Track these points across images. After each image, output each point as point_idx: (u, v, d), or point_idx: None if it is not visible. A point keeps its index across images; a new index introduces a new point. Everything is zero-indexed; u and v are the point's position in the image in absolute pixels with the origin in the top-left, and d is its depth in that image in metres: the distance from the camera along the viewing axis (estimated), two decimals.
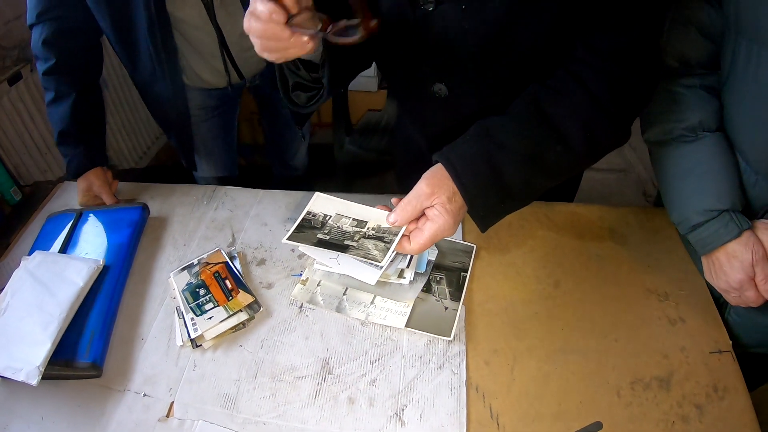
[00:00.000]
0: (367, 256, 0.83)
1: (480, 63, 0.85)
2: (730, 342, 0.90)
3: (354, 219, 0.89)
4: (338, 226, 0.88)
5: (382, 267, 0.84)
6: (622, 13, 0.76)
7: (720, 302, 0.96)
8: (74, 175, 1.28)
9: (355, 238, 0.86)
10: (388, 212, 0.84)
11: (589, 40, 0.79)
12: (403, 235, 0.82)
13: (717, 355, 0.88)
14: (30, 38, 1.58)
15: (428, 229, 0.80)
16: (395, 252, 0.83)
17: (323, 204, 0.92)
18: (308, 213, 0.91)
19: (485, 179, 0.79)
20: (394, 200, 0.85)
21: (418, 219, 0.82)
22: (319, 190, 0.95)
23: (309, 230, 0.89)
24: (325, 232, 0.88)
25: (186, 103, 1.44)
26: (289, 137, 1.86)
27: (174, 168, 2.62)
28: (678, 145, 0.93)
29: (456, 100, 0.93)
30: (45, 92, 1.31)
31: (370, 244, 0.85)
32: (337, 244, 0.86)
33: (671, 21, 0.92)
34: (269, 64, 1.41)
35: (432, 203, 0.79)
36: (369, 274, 0.88)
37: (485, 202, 0.81)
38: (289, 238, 0.88)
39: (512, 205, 0.85)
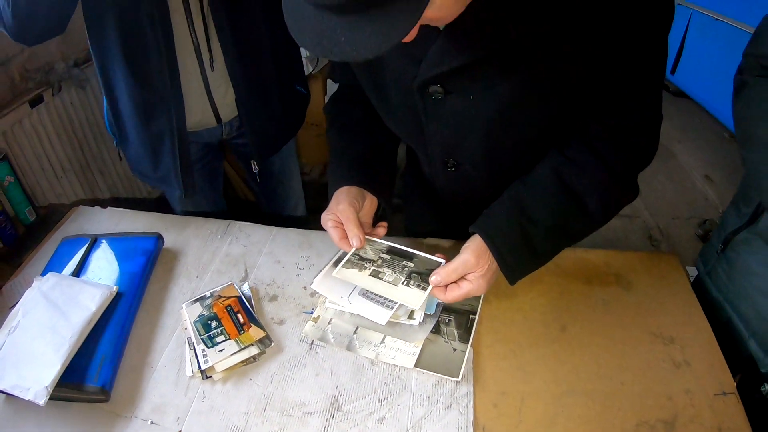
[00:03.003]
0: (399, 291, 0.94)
1: (488, 142, 0.93)
2: (735, 384, 0.91)
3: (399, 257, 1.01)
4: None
5: (392, 307, 0.93)
6: (627, 96, 0.84)
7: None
8: None
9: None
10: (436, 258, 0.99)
11: (599, 112, 0.87)
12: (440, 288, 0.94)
13: (722, 397, 0.89)
14: (55, 63, 1.62)
15: (464, 288, 0.92)
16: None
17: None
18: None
19: (520, 251, 0.91)
20: (438, 255, 0.99)
21: None
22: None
23: (354, 266, 1.00)
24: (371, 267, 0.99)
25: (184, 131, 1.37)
26: (283, 193, 1.78)
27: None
28: None
29: (465, 171, 1.01)
30: None
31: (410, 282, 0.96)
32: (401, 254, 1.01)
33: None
34: (243, 117, 1.41)
35: (476, 271, 0.91)
36: (380, 314, 0.93)
37: (518, 268, 0.93)
38: (337, 274, 0.98)
39: (539, 265, 0.97)
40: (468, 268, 0.91)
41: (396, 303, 0.96)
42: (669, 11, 0.77)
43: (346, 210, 0.98)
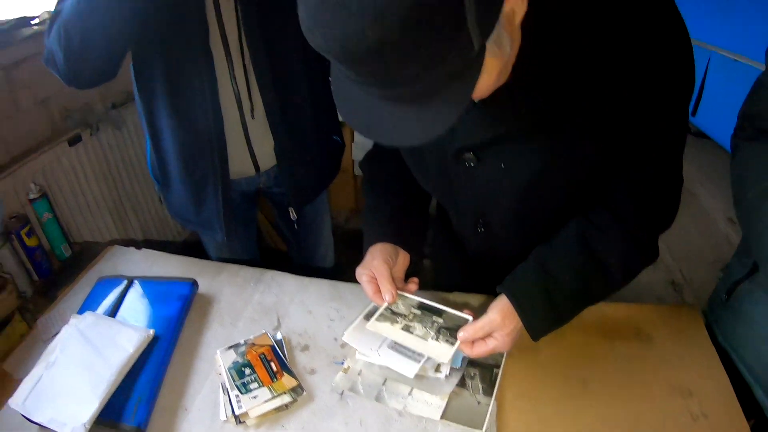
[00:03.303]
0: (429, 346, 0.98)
1: (518, 207, 0.97)
2: None
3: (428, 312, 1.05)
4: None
5: (420, 360, 0.97)
6: (650, 164, 0.88)
7: None
8: None
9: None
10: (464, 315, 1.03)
11: (623, 178, 0.91)
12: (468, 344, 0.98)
13: None
14: (94, 105, 1.68)
15: (490, 344, 0.95)
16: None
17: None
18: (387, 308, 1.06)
19: (544, 312, 0.95)
20: (466, 311, 1.03)
21: None
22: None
23: (387, 319, 1.03)
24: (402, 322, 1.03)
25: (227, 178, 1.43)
26: (314, 240, 1.81)
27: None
28: None
29: (495, 232, 1.05)
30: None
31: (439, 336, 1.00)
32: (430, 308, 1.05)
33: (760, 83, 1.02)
34: (282, 166, 1.46)
35: (502, 330, 0.95)
36: (408, 367, 0.97)
37: (542, 327, 0.97)
38: (370, 327, 1.02)
39: (562, 324, 0.99)
40: (494, 326, 0.95)
41: (424, 356, 1.00)
42: (689, 83, 0.81)
43: (380, 266, 1.03)
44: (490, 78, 0.67)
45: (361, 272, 1.05)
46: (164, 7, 1.16)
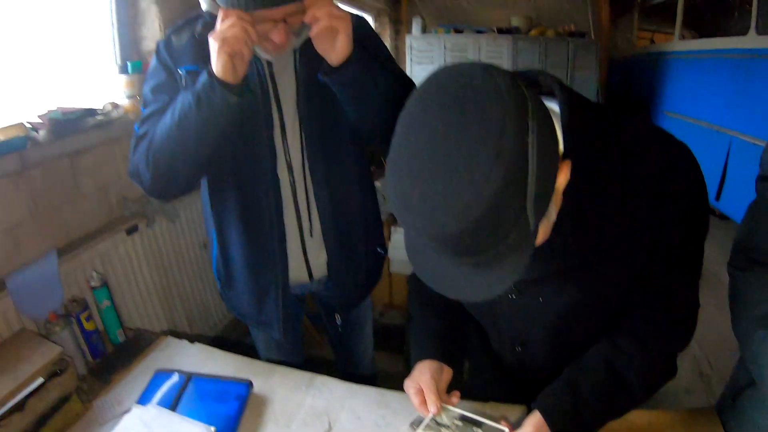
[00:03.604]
0: None
1: (553, 333, 1.10)
2: None
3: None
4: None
5: None
6: (671, 295, 1.01)
7: None
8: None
9: None
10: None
11: (645, 306, 1.03)
12: None
13: None
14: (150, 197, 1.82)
15: None
16: None
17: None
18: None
19: (573, 427, 1.03)
20: (503, 422, 1.12)
21: None
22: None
23: (431, 429, 1.13)
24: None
25: (287, 282, 1.56)
26: (356, 338, 1.90)
27: (239, 344, 2.75)
28: None
29: (531, 353, 1.17)
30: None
31: None
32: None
33: (761, 223, 1.10)
34: (332, 278, 1.59)
35: None
36: None
37: None
38: None
39: None
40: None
41: None
42: (705, 225, 0.95)
43: (428, 382, 1.14)
44: (540, 238, 0.82)
45: (409, 384, 1.16)
46: (241, 141, 1.33)
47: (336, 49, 1.19)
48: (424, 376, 1.16)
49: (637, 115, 0.94)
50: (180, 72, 1.31)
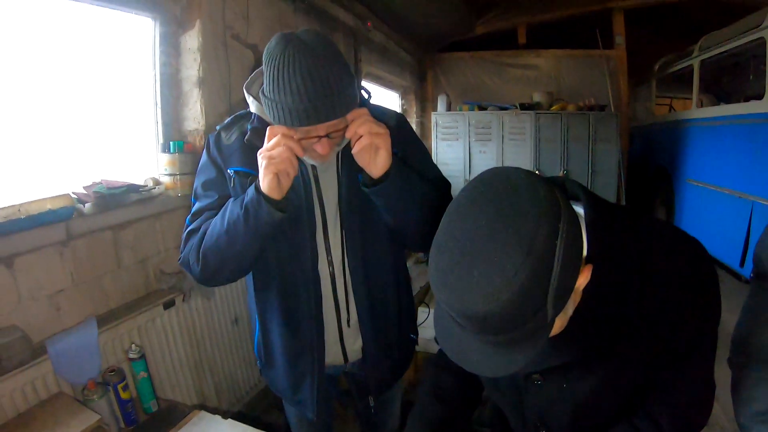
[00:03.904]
0: None
1: (575, 417, 1.14)
2: None
3: None
4: None
5: None
6: (686, 382, 1.06)
7: None
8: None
9: None
10: None
11: (662, 390, 1.08)
12: None
13: None
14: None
15: None
16: None
17: None
18: None
19: None
20: None
21: None
22: None
23: None
24: None
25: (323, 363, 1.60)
26: (383, 418, 1.92)
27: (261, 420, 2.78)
28: None
29: None
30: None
31: None
32: None
33: (763, 319, 1.15)
34: (365, 357, 1.64)
35: None
36: None
37: None
38: None
39: None
40: None
41: None
42: (718, 310, 1.00)
43: None
44: (554, 330, 0.90)
45: None
46: (285, 240, 1.42)
47: (376, 164, 1.27)
48: None
49: (654, 217, 1.02)
50: (229, 172, 1.40)
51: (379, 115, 1.35)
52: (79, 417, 1.54)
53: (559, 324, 0.90)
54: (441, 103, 6.44)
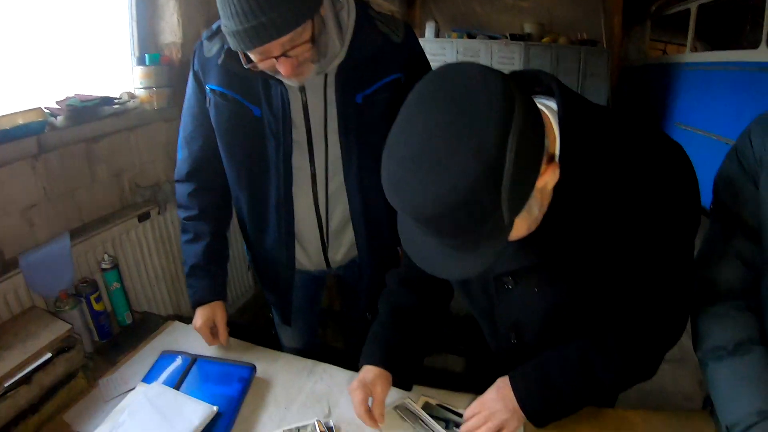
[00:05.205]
0: None
1: (547, 324, 1.13)
2: None
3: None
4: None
5: None
6: (660, 290, 1.03)
7: None
8: (198, 303, 1.53)
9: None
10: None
11: (631, 303, 1.06)
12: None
13: None
14: (162, 184, 1.89)
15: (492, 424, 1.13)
16: None
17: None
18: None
19: (539, 403, 1.11)
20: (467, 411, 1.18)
21: None
22: None
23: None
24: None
25: (294, 275, 1.66)
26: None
27: (250, 327, 2.78)
28: (731, 358, 1.07)
29: (526, 343, 1.20)
30: (182, 234, 1.58)
31: None
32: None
33: (719, 255, 1.13)
34: (353, 260, 1.69)
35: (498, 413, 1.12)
36: None
37: (538, 416, 1.12)
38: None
39: (558, 418, 1.14)
40: (487, 396, 1.15)
41: None
42: (696, 218, 0.97)
43: (381, 394, 1.23)
44: (519, 233, 0.89)
45: (356, 388, 1.21)
46: (258, 161, 1.48)
47: None
48: (378, 387, 1.23)
49: (636, 117, 0.97)
50: (206, 89, 1.42)
51: (384, 22, 1.39)
52: (50, 328, 1.50)
53: (525, 224, 0.88)
54: (429, 30, 6.28)
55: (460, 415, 1.23)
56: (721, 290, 1.13)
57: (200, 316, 1.51)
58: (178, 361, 1.46)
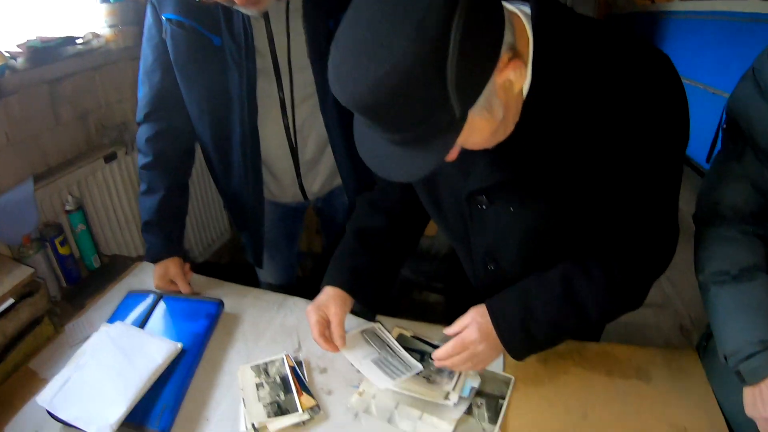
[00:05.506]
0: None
1: (525, 248, 1.05)
2: None
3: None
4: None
5: (394, 378, 1.09)
6: (644, 213, 0.95)
7: None
8: (152, 260, 1.46)
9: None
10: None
11: (617, 229, 0.98)
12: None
13: None
14: (129, 124, 1.79)
15: (464, 355, 1.06)
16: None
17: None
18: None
19: (519, 334, 1.03)
20: (445, 331, 1.10)
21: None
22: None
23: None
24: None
25: (263, 209, 1.60)
26: None
27: (231, 267, 2.75)
28: (735, 283, 1.03)
29: (503, 271, 1.12)
30: (140, 182, 1.49)
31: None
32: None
33: (728, 176, 1.09)
34: (332, 191, 1.62)
35: (469, 334, 1.05)
36: (382, 381, 1.09)
37: (518, 349, 1.04)
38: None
39: (539, 350, 1.08)
40: (463, 323, 1.07)
41: (403, 374, 1.10)
42: (684, 135, 0.88)
43: (338, 314, 1.15)
44: (482, 135, 0.79)
45: (313, 311, 1.15)
46: (220, 95, 1.40)
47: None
48: (335, 308, 1.16)
49: (619, 27, 0.88)
50: (162, 19, 1.34)
51: None
52: (13, 273, 1.43)
53: (488, 126, 0.79)
54: None
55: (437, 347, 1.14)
56: (728, 212, 1.09)
57: (155, 273, 1.47)
58: (145, 300, 1.39)
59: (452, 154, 0.79)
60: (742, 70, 1.09)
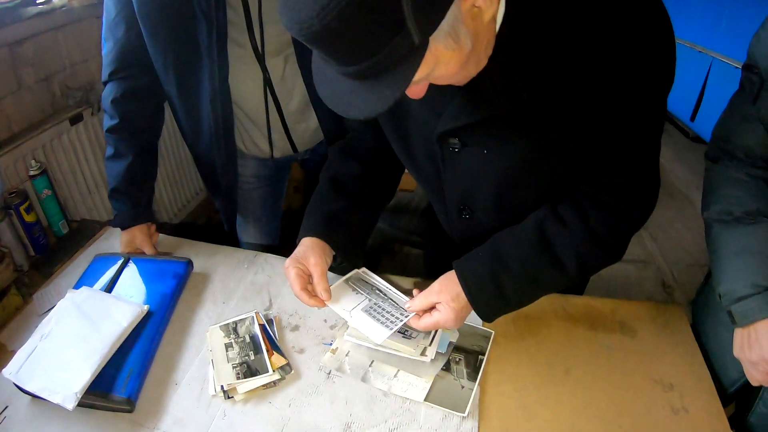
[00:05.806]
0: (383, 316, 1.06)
1: (499, 194, 1.00)
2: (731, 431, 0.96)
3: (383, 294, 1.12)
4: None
5: (391, 328, 1.02)
6: (623, 158, 0.90)
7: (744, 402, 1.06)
8: (120, 227, 1.40)
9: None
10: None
11: (595, 175, 0.93)
12: (416, 315, 1.04)
13: None
14: (96, 84, 1.71)
15: (433, 318, 1.01)
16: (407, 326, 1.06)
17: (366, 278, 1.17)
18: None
19: (489, 292, 0.98)
20: (415, 291, 1.06)
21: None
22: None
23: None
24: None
25: (236, 173, 1.54)
26: None
27: (207, 227, 2.70)
28: (737, 225, 1.03)
29: (478, 219, 1.08)
30: (107, 146, 1.41)
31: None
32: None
33: (742, 117, 1.06)
34: (321, 142, 1.57)
35: (440, 300, 1.00)
36: (378, 332, 1.02)
37: (487, 308, 1.00)
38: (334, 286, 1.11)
39: (510, 310, 1.03)
40: (432, 295, 1.02)
41: (397, 324, 1.03)
42: (668, 76, 0.82)
43: (320, 265, 1.08)
44: (448, 67, 0.73)
45: (291, 265, 1.09)
46: (188, 52, 1.31)
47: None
48: (313, 258, 1.10)
49: None
50: None
51: None
52: None
53: (455, 58, 0.72)
54: None
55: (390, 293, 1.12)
56: (740, 153, 1.07)
57: (122, 240, 1.41)
58: (113, 263, 1.33)
59: (419, 90, 0.74)
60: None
